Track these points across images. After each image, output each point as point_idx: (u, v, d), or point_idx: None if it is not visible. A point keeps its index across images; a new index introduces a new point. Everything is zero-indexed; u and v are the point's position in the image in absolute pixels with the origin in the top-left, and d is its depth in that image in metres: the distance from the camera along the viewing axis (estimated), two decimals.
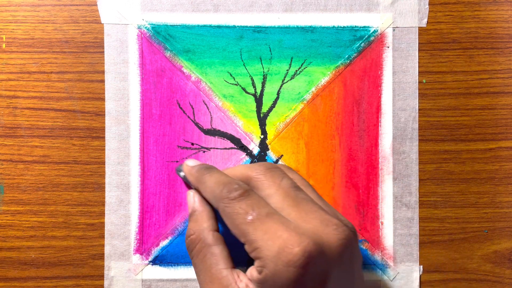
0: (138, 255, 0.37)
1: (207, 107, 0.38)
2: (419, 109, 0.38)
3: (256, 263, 0.23)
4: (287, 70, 0.38)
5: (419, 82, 0.38)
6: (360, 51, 0.38)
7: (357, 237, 0.25)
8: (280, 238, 0.22)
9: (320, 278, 0.22)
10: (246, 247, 0.24)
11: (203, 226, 0.28)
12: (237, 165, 0.30)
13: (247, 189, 0.25)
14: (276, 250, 0.22)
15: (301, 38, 0.38)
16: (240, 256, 0.31)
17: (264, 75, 0.38)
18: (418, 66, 0.38)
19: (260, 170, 0.27)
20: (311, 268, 0.22)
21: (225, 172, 0.29)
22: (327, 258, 0.23)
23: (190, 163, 0.32)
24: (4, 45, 0.38)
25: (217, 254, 0.27)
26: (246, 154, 0.38)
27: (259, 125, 0.38)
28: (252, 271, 0.24)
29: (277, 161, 0.38)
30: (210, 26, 0.38)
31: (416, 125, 0.38)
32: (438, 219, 0.38)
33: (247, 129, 0.38)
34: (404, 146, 0.38)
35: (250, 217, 0.24)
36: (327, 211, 0.25)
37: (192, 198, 0.30)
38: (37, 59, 0.38)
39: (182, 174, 0.34)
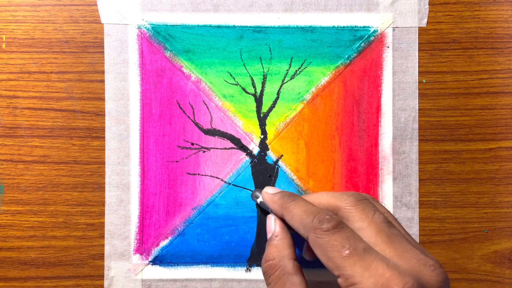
0: (138, 255, 0.37)
1: (207, 107, 0.38)
2: (419, 109, 0.38)
3: None
4: (287, 70, 0.38)
5: (419, 82, 0.38)
6: (360, 51, 0.38)
7: (449, 281, 0.25)
8: (382, 276, 0.22)
9: None
10: (341, 281, 0.24)
11: (284, 253, 0.28)
12: (320, 192, 0.29)
13: (340, 221, 0.25)
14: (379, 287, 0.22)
15: (301, 38, 0.38)
16: None
17: (264, 75, 0.38)
18: (418, 66, 0.38)
19: (350, 201, 0.27)
20: None
21: (310, 199, 0.29)
22: None
23: (270, 191, 0.32)
24: (4, 45, 0.38)
25: (297, 284, 0.26)
26: (246, 154, 0.38)
27: (259, 125, 0.38)
28: None
29: (277, 161, 0.38)
30: (210, 26, 0.38)
31: (416, 125, 0.38)
32: (438, 219, 0.38)
33: (247, 129, 0.38)
34: (404, 146, 0.38)
35: (347, 252, 0.23)
36: (420, 250, 0.25)
37: (274, 223, 0.30)
38: (37, 59, 0.38)
39: (259, 200, 0.34)
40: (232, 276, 0.37)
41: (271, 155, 0.38)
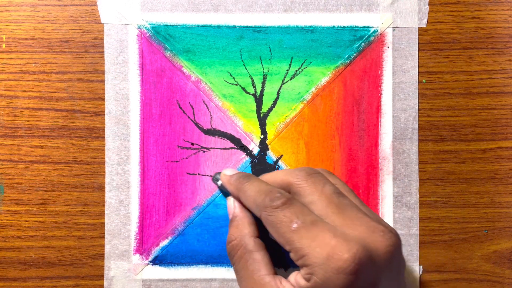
0: (138, 255, 0.37)
1: (207, 107, 0.38)
2: (419, 109, 0.38)
3: (303, 270, 0.23)
4: (287, 70, 0.38)
5: (419, 82, 0.38)
6: (360, 51, 0.38)
7: (401, 244, 0.25)
8: (328, 245, 0.22)
9: (370, 284, 0.23)
10: (292, 255, 0.24)
11: (244, 232, 0.28)
12: (276, 171, 0.30)
13: (290, 197, 0.25)
14: (325, 257, 0.22)
15: (301, 38, 0.38)
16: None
17: (264, 75, 0.38)
18: (418, 66, 0.38)
19: (301, 176, 0.27)
20: (361, 275, 0.22)
21: (264, 179, 0.29)
22: (376, 265, 0.23)
23: (228, 172, 0.32)
24: (4, 45, 0.38)
25: (259, 260, 0.27)
26: (246, 154, 0.38)
27: (259, 125, 0.38)
28: (297, 277, 0.24)
29: (277, 161, 0.38)
30: (210, 26, 0.38)
31: (416, 125, 0.38)
32: (438, 219, 0.38)
33: (247, 129, 0.38)
34: (404, 146, 0.38)
35: (295, 225, 0.24)
36: (372, 217, 0.25)
37: (232, 204, 0.30)
38: (37, 59, 0.38)
39: (219, 183, 0.34)
40: (232, 276, 0.37)
41: (271, 155, 0.38)
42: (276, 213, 0.25)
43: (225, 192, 0.35)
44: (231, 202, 0.31)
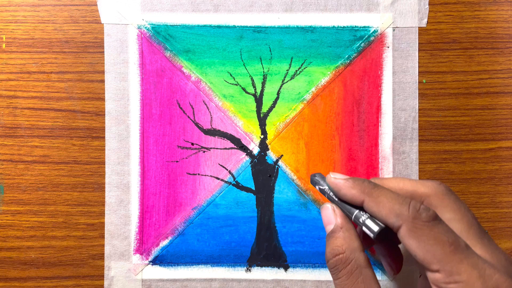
0: (138, 255, 0.37)
1: (207, 107, 0.38)
2: (419, 109, 0.38)
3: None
4: (287, 70, 0.38)
5: (419, 82, 0.38)
6: (360, 51, 0.38)
7: None
8: (491, 277, 0.22)
9: None
10: (440, 277, 0.23)
11: (355, 245, 0.26)
12: (396, 178, 0.27)
13: (436, 213, 0.24)
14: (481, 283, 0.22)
15: (301, 38, 0.38)
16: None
17: (264, 75, 0.38)
18: (418, 66, 0.38)
19: (441, 190, 0.25)
20: None
21: (389, 186, 0.27)
22: None
23: (339, 176, 0.28)
24: (4, 45, 0.38)
25: (371, 277, 0.25)
26: (246, 154, 0.38)
27: (259, 125, 0.38)
28: None
29: (277, 161, 0.38)
30: (210, 26, 0.38)
31: (416, 125, 0.38)
32: None
33: (247, 129, 0.38)
34: (404, 146, 0.38)
35: (452, 247, 0.22)
36: (499, 248, 0.25)
37: (333, 213, 0.27)
38: (37, 59, 0.38)
39: (320, 187, 0.29)
40: (232, 276, 0.37)
41: (271, 155, 0.38)
42: (427, 227, 0.23)
43: (324, 197, 0.31)
44: (330, 211, 0.27)
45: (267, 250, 0.38)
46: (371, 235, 0.25)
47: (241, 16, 0.38)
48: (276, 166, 0.38)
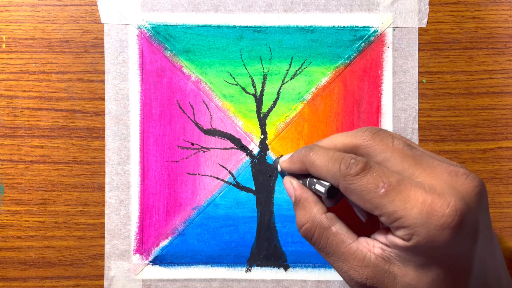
0: (138, 255, 0.37)
1: (207, 107, 0.38)
2: (419, 109, 0.38)
3: (401, 232, 0.23)
4: (287, 70, 0.38)
5: (419, 82, 0.38)
6: (360, 51, 0.38)
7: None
8: (424, 203, 0.22)
9: (472, 231, 0.23)
10: (383, 219, 0.23)
11: (313, 212, 0.27)
12: (332, 136, 0.28)
13: (366, 161, 0.24)
14: (425, 216, 0.22)
15: (301, 38, 0.38)
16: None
17: (264, 75, 0.38)
18: (418, 66, 0.38)
19: (366, 135, 0.26)
20: (464, 225, 0.22)
21: (325, 145, 0.28)
22: (472, 209, 0.22)
23: (284, 158, 0.31)
24: (4, 45, 0.38)
25: (339, 233, 0.26)
26: (246, 154, 0.38)
27: (259, 125, 0.38)
28: (390, 238, 0.24)
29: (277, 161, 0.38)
30: (210, 26, 0.38)
31: (416, 125, 0.38)
32: None
33: (247, 129, 0.38)
34: None
35: (382, 190, 0.23)
36: (445, 161, 0.25)
37: (291, 185, 0.29)
38: (37, 59, 0.38)
39: (279, 168, 0.32)
40: (232, 276, 0.37)
41: (271, 155, 0.38)
42: (357, 180, 0.24)
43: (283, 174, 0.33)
44: (288, 183, 0.29)
45: (267, 250, 0.38)
46: (323, 196, 0.27)
47: (241, 16, 0.38)
48: (277, 165, 0.38)
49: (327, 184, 0.26)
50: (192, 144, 0.38)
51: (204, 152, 0.38)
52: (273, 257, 0.38)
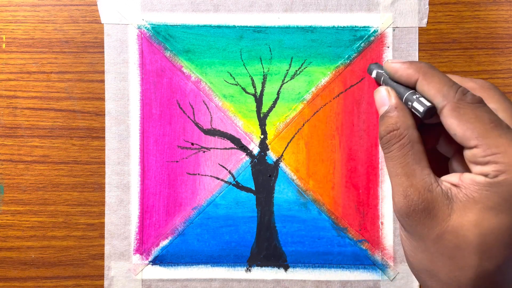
0: (138, 255, 0.37)
1: (207, 107, 0.38)
2: None
3: (490, 167, 0.23)
4: (287, 70, 0.38)
5: None
6: (360, 51, 0.38)
7: None
8: None
9: None
10: (477, 151, 0.24)
11: (409, 122, 0.27)
12: (448, 74, 0.28)
13: (481, 98, 0.25)
14: None
15: (301, 38, 0.38)
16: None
17: (264, 75, 0.38)
18: None
19: (486, 85, 0.27)
20: None
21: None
22: None
23: (394, 60, 0.29)
24: (4, 45, 0.38)
25: (422, 153, 0.26)
26: (246, 154, 0.38)
27: (259, 125, 0.38)
28: (468, 176, 0.24)
29: (277, 161, 0.38)
30: (210, 26, 0.38)
31: None
32: None
33: (247, 129, 0.38)
34: None
35: (492, 124, 0.23)
36: None
37: (388, 95, 0.28)
38: (37, 59, 0.38)
39: (375, 73, 0.31)
40: (232, 276, 0.37)
41: (271, 155, 0.38)
42: (470, 108, 0.24)
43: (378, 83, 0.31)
44: (384, 92, 0.29)
45: (267, 250, 0.38)
46: (421, 109, 0.26)
47: (241, 16, 0.38)
48: (278, 164, 0.38)
49: (428, 104, 0.26)
50: (192, 144, 0.38)
51: (204, 152, 0.38)
52: (273, 257, 0.38)
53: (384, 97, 0.28)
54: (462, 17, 0.38)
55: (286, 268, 0.37)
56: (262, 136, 0.38)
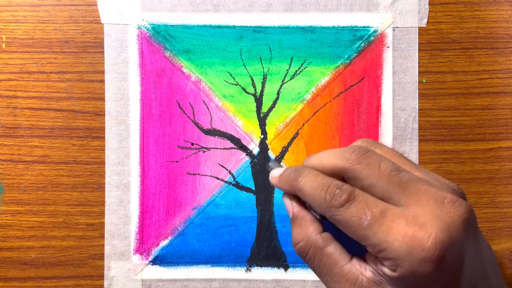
0: (138, 255, 0.37)
1: (207, 107, 0.38)
2: (419, 109, 0.38)
3: (387, 262, 0.23)
4: (287, 70, 0.38)
5: (419, 82, 0.38)
6: (360, 51, 0.38)
7: (469, 204, 0.24)
8: (406, 236, 0.22)
9: (457, 262, 0.22)
10: (369, 249, 0.24)
11: (309, 231, 0.27)
12: (322, 153, 0.28)
13: (350, 190, 0.24)
14: (406, 249, 0.22)
15: (301, 38, 0.38)
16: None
17: (264, 75, 0.38)
18: (418, 66, 0.38)
19: (353, 159, 0.26)
20: (447, 257, 0.22)
21: (311, 164, 0.28)
22: (457, 240, 0.22)
23: (275, 173, 0.30)
24: (4, 45, 0.38)
25: (332, 254, 0.26)
26: (246, 154, 0.38)
27: (259, 125, 0.38)
28: (378, 266, 0.24)
29: (277, 160, 0.38)
30: (210, 26, 0.38)
31: (416, 125, 0.38)
32: None
33: (247, 129, 0.38)
34: (404, 146, 0.38)
35: (365, 223, 0.23)
36: (433, 184, 0.25)
37: (290, 203, 0.29)
38: (37, 59, 0.38)
39: (272, 181, 0.32)
40: (232, 276, 0.37)
41: (271, 155, 0.38)
42: (342, 212, 0.24)
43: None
44: (286, 200, 0.29)
45: (267, 250, 0.38)
46: (318, 215, 0.27)
47: (241, 16, 0.38)
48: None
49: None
50: (192, 144, 0.38)
51: (204, 152, 0.38)
52: (273, 257, 0.38)
53: (288, 205, 0.29)
54: (462, 17, 0.38)
55: (286, 268, 0.37)
56: (262, 136, 0.38)
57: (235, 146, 0.38)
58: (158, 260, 0.37)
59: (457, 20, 0.38)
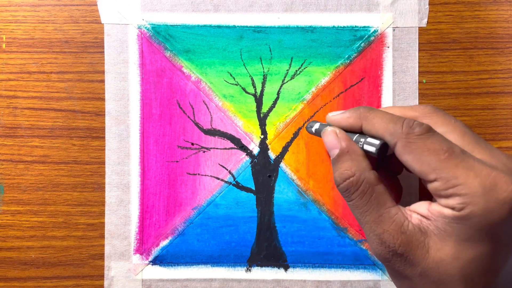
0: (138, 255, 0.37)
1: (207, 107, 0.38)
2: None
3: (454, 200, 0.22)
4: (287, 70, 0.38)
5: (419, 82, 0.38)
6: (360, 51, 0.38)
7: None
8: (488, 176, 0.22)
9: None
10: (437, 184, 0.23)
11: (363, 165, 0.26)
12: (389, 107, 0.28)
13: (429, 126, 0.24)
14: (488, 187, 0.22)
15: (301, 38, 0.38)
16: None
17: (264, 75, 0.38)
18: (418, 66, 0.38)
19: (429, 109, 0.26)
20: None
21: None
22: None
23: (335, 113, 0.29)
24: (4, 45, 0.38)
25: (384, 193, 0.25)
26: (246, 154, 0.38)
27: (259, 125, 0.38)
28: (436, 208, 0.23)
29: (277, 160, 0.38)
30: (210, 26, 0.38)
31: None
32: None
33: (247, 129, 0.38)
34: None
35: (446, 154, 0.23)
36: (498, 150, 0.25)
37: (335, 136, 0.27)
38: (37, 59, 0.38)
39: (314, 128, 0.30)
40: (232, 276, 0.37)
41: (271, 155, 0.38)
42: (420, 140, 0.23)
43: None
44: (332, 134, 0.27)
45: (267, 250, 0.38)
46: (373, 149, 0.25)
47: (241, 16, 0.38)
48: (278, 164, 0.38)
49: (378, 142, 0.25)
50: (192, 144, 0.38)
51: (204, 152, 0.38)
52: (273, 257, 0.38)
53: (333, 140, 0.27)
54: (462, 17, 0.38)
55: (286, 268, 0.37)
56: (262, 136, 0.38)
57: (235, 146, 0.38)
58: (158, 260, 0.37)
59: (457, 20, 0.38)
